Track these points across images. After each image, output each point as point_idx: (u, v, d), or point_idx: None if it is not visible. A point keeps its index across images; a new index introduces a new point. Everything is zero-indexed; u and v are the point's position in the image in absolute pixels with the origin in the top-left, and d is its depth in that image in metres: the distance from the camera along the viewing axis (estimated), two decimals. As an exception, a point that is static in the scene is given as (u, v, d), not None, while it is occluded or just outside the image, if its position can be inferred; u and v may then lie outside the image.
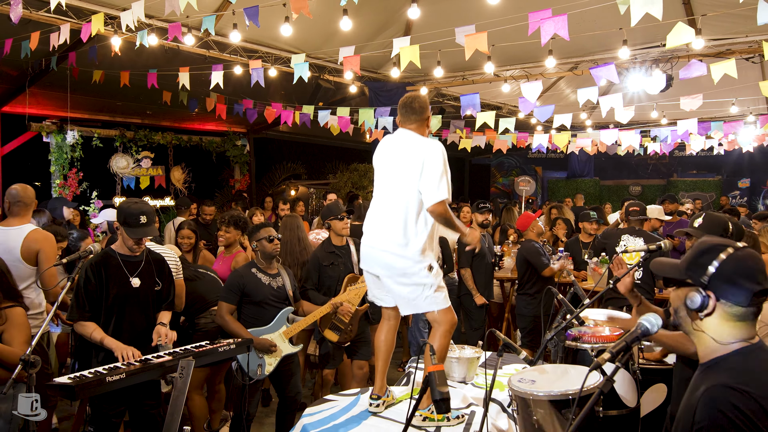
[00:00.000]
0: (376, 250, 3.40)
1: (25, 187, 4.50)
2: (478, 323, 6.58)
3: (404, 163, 3.38)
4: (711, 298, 1.86)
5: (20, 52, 6.77)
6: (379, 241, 3.40)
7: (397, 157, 3.45)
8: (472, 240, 3.59)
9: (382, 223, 3.41)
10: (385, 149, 3.59)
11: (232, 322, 4.44)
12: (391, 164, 3.47)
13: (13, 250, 4.26)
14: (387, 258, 3.35)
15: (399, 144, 3.50)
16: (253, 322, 4.52)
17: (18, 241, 4.30)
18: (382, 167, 3.55)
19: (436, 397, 2.15)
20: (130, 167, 11.56)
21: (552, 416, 2.67)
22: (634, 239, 5.85)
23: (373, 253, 3.43)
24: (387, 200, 3.44)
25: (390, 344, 3.70)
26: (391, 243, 3.33)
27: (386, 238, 3.36)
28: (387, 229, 3.36)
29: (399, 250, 3.30)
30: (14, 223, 4.38)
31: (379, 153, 3.61)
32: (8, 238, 4.31)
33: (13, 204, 4.38)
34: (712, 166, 18.48)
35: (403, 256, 3.30)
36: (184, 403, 3.34)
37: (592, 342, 3.34)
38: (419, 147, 3.38)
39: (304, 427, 3.49)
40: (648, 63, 8.49)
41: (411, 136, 3.48)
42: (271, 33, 8.10)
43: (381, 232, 3.40)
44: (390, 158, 3.51)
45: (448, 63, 7.79)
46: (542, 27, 4.44)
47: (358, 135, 13.79)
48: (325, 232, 6.47)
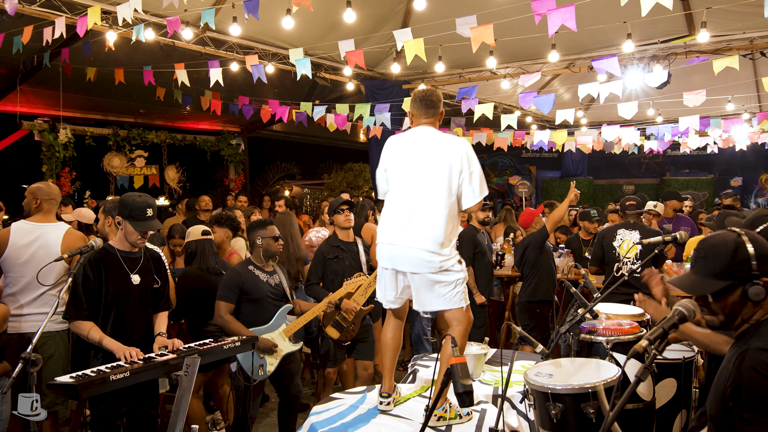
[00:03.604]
0: (412, 249, 3.30)
1: (50, 185, 4.47)
2: (481, 321, 6.51)
3: (433, 161, 3.31)
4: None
5: (11, 47, 6.65)
6: (417, 240, 3.29)
7: (426, 154, 3.36)
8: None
9: (419, 222, 3.31)
10: (405, 146, 3.48)
11: (232, 321, 4.34)
12: (420, 161, 3.37)
13: (52, 246, 4.23)
14: (425, 256, 3.27)
15: (425, 141, 3.41)
16: (251, 320, 4.42)
17: (58, 238, 4.27)
18: (406, 164, 3.42)
19: (459, 390, 2.10)
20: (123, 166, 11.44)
21: (571, 410, 2.62)
22: (630, 233, 5.94)
23: (408, 252, 3.32)
24: (419, 198, 3.33)
25: (398, 341, 3.64)
26: (431, 242, 3.26)
27: (426, 237, 3.27)
28: (426, 228, 3.28)
29: (438, 249, 3.25)
30: (43, 220, 4.32)
31: (397, 150, 3.50)
32: (46, 233, 4.27)
33: (44, 201, 4.33)
34: (704, 165, 18.56)
35: (441, 253, 3.26)
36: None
37: (607, 335, 3.29)
38: (452, 145, 3.34)
39: (312, 426, 3.42)
40: (646, 60, 8.48)
41: (435, 133, 3.43)
42: (267, 29, 8.02)
43: (418, 231, 3.30)
44: (416, 155, 3.39)
45: (447, 59, 7.74)
46: (549, 18, 4.39)
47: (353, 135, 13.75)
48: (325, 230, 6.44)
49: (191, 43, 7.53)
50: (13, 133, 10.24)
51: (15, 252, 4.17)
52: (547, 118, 12.96)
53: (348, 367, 5.41)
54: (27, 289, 4.18)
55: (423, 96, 3.48)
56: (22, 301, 4.19)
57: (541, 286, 6.16)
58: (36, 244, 4.21)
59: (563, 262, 7.07)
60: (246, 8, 5.23)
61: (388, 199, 3.50)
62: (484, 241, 6.67)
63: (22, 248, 4.18)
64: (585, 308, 3.21)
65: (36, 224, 4.29)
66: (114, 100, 10.75)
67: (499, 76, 9.61)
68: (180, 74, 7.03)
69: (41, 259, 4.13)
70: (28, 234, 4.24)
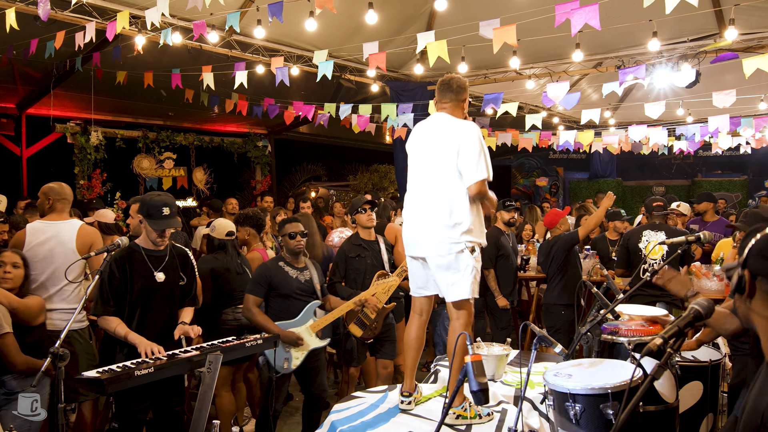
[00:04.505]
0: (422, 232, 3.40)
1: (62, 185, 4.59)
2: (504, 323, 6.48)
3: (442, 145, 3.37)
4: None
5: (44, 52, 6.83)
6: (426, 223, 3.39)
7: (434, 140, 3.44)
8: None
9: (427, 206, 3.40)
10: (419, 135, 3.59)
11: (258, 314, 4.44)
12: (428, 148, 3.46)
13: (67, 242, 4.36)
14: (435, 238, 3.34)
15: (434, 127, 3.50)
16: (279, 315, 4.51)
17: (72, 235, 4.39)
18: (418, 152, 3.53)
19: (474, 388, 2.09)
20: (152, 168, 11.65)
21: (591, 411, 2.60)
22: (656, 234, 5.90)
23: (419, 236, 3.42)
24: (428, 184, 3.42)
25: (421, 341, 3.65)
26: (438, 224, 3.33)
27: (433, 220, 3.35)
28: (433, 211, 3.35)
29: (446, 231, 3.30)
30: (57, 218, 4.45)
31: (413, 140, 3.60)
32: (60, 231, 4.39)
33: (56, 201, 4.46)
34: (737, 165, 18.12)
35: (450, 237, 3.30)
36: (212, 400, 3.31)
37: (629, 335, 3.25)
38: (454, 128, 3.38)
39: (333, 424, 3.44)
40: (674, 59, 8.33)
41: (445, 119, 3.48)
42: (292, 32, 8.09)
43: (427, 215, 3.39)
44: (426, 142, 3.50)
45: (470, 60, 7.71)
46: (572, 18, 4.36)
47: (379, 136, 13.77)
48: (348, 230, 6.47)
49: (217, 46, 7.64)
50: (46, 135, 10.50)
51: (32, 251, 4.29)
52: (573, 118, 12.82)
53: (371, 366, 5.43)
54: (45, 286, 4.29)
55: (442, 81, 3.57)
56: (43, 297, 4.30)
57: (567, 290, 6.07)
58: (51, 241, 4.34)
59: (588, 264, 6.98)
60: (270, 11, 5.29)
61: (407, 188, 3.58)
62: (509, 243, 6.62)
63: (38, 246, 4.31)
64: (606, 309, 3.18)
65: (50, 223, 4.42)
66: (143, 103, 10.94)
67: (524, 77, 9.53)
68: (206, 77, 7.13)
69: (58, 256, 4.28)
70: (42, 233, 4.37)
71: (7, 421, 3.53)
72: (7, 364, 3.60)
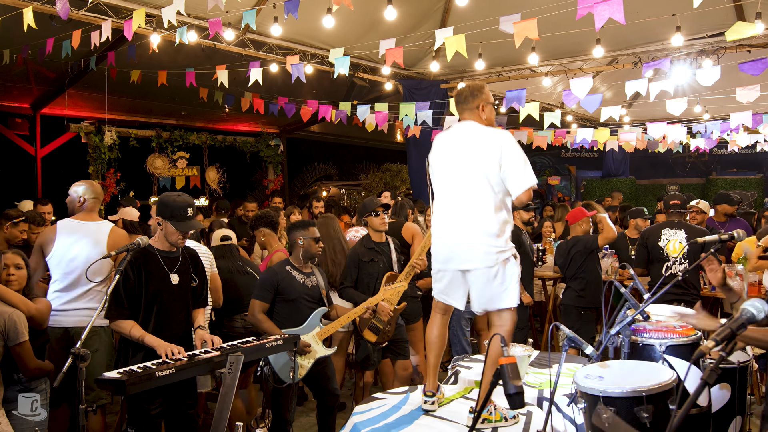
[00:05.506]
0: (465, 245, 3.30)
1: (94, 183, 4.58)
2: (523, 322, 6.39)
3: (478, 154, 3.29)
4: None
5: (60, 52, 6.83)
6: (468, 235, 3.30)
7: (467, 149, 3.36)
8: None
9: (467, 218, 3.31)
10: (445, 145, 3.49)
11: (265, 321, 4.32)
12: (461, 157, 3.36)
13: (99, 243, 4.32)
14: (481, 248, 3.27)
15: (464, 136, 3.41)
16: (285, 321, 4.38)
17: (104, 236, 4.36)
18: (447, 163, 3.43)
19: (509, 391, 2.04)
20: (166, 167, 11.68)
21: (623, 414, 2.54)
22: (675, 232, 5.83)
23: (461, 249, 3.32)
24: (465, 194, 3.33)
25: (443, 339, 3.60)
26: (484, 235, 3.26)
27: (478, 230, 3.28)
28: (476, 222, 3.28)
29: (493, 241, 3.26)
30: (88, 218, 4.42)
31: (439, 150, 3.51)
32: (93, 231, 4.36)
33: (89, 200, 4.42)
34: (753, 163, 17.92)
35: (497, 246, 3.26)
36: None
37: (660, 337, 3.18)
38: (488, 137, 3.32)
39: (355, 426, 3.40)
40: (693, 55, 8.21)
41: (474, 127, 3.41)
42: (305, 30, 8.06)
43: (468, 226, 3.31)
44: (457, 152, 3.40)
45: (487, 57, 7.65)
46: (594, 11, 4.28)
47: (390, 135, 13.72)
48: (363, 229, 6.39)
49: (232, 44, 7.62)
50: (61, 135, 10.55)
51: (62, 249, 4.26)
52: (589, 116, 12.70)
53: (386, 368, 5.36)
54: (75, 284, 4.27)
55: (456, 94, 3.55)
56: (70, 296, 4.27)
57: (587, 292, 5.98)
58: (82, 241, 4.30)
59: (606, 263, 6.89)
60: (286, 8, 5.24)
61: (436, 200, 3.50)
62: (527, 241, 6.55)
63: (69, 245, 4.28)
64: (636, 309, 3.11)
65: (81, 222, 4.38)
66: (157, 102, 10.98)
67: (539, 74, 9.44)
68: (220, 75, 7.11)
69: (88, 255, 4.22)
70: (73, 231, 4.33)
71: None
72: (21, 369, 3.57)
